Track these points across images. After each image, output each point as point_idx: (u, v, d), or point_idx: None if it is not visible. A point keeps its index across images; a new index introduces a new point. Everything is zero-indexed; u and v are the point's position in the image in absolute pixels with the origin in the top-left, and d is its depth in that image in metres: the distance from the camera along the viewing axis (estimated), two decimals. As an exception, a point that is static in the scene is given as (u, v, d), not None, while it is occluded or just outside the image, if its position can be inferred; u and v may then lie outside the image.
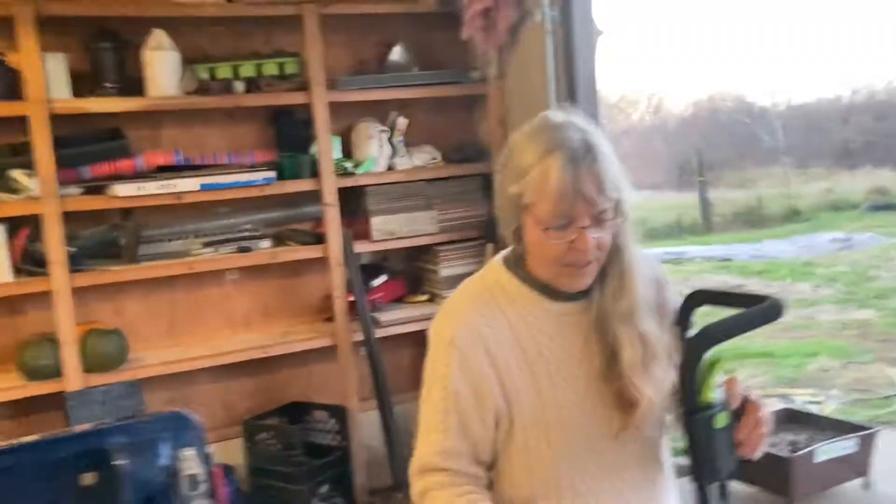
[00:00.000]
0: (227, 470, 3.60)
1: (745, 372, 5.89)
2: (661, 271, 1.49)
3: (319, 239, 3.77)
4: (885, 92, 25.71)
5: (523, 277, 1.36)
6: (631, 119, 28.95)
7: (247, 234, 3.74)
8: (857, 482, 3.83)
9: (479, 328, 1.32)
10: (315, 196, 3.75)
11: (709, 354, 1.20)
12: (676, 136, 26.82)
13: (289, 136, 3.80)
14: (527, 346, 1.32)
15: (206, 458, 1.36)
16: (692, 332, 1.33)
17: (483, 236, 4.08)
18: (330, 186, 3.70)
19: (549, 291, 1.35)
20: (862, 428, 3.91)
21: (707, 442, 1.15)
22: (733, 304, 1.32)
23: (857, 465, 3.78)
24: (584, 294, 1.37)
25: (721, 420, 1.16)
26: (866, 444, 3.79)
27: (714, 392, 1.18)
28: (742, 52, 25.89)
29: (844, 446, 3.73)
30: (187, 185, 3.46)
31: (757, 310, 1.23)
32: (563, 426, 1.30)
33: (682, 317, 1.41)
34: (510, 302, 1.35)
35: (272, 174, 3.63)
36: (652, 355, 1.29)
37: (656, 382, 1.28)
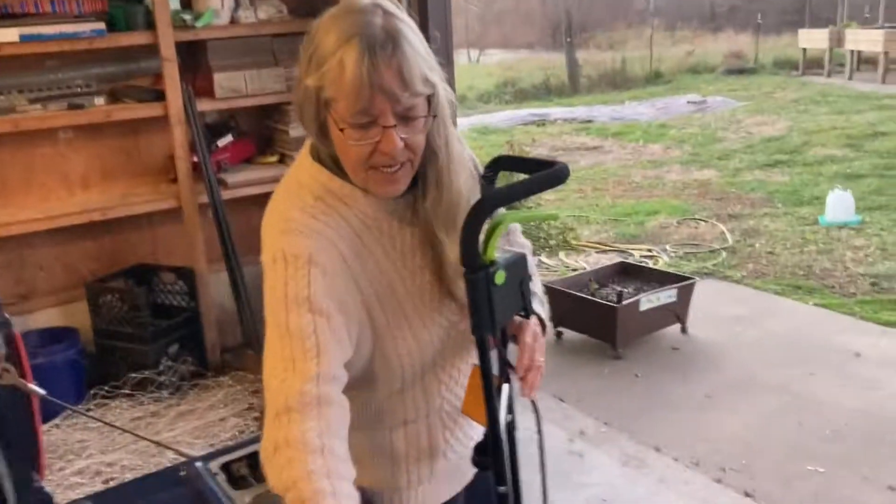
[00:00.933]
0: (71, 332, 3.58)
1: (591, 229, 6.23)
2: (471, 153, 1.44)
3: (158, 96, 3.61)
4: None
5: (349, 178, 1.24)
6: (507, -26, 28.38)
7: (79, 90, 3.54)
8: (676, 327, 4.22)
9: (331, 238, 1.21)
10: (152, 50, 3.56)
11: (493, 216, 1.26)
12: (552, -7, 26.66)
13: (120, -17, 3.55)
14: (372, 247, 1.26)
15: (2, 324, 1.34)
16: None
17: (334, 95, 4.03)
18: (167, 39, 3.52)
19: None
20: (683, 279, 4.26)
21: (488, 297, 1.21)
22: (528, 170, 1.37)
23: (676, 312, 4.15)
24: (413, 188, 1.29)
25: (500, 277, 1.22)
26: (685, 293, 4.15)
27: (496, 252, 1.24)
28: None
29: (666, 296, 4.07)
30: (5, 35, 3.21)
31: (540, 175, 1.28)
32: (419, 315, 1.30)
33: (487, 182, 1.47)
34: (345, 206, 1.24)
35: (102, 25, 3.40)
36: None
37: None
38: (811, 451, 3.13)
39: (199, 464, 1.49)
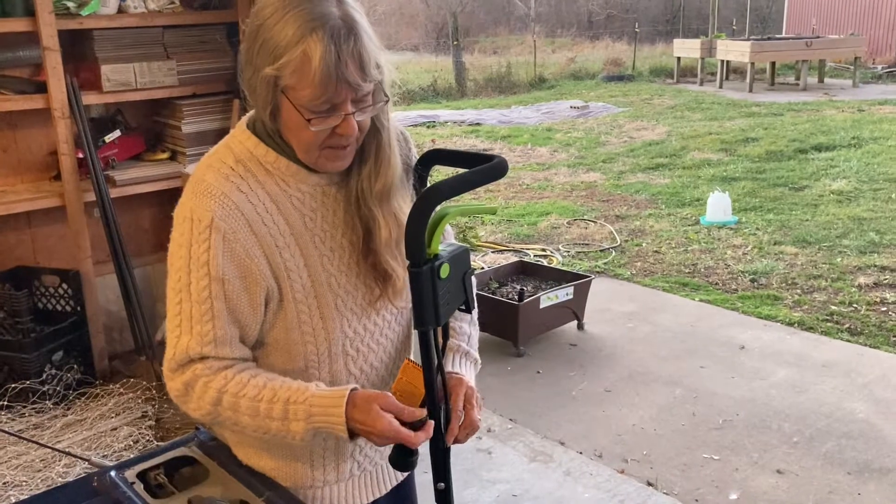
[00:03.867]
0: (-59, 341, 3.31)
1: (486, 230, 6.31)
2: (403, 129, 1.48)
3: (39, 88, 3.40)
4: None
5: (280, 149, 1.28)
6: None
7: (-52, 79, 3.28)
8: (573, 324, 4.32)
9: (241, 205, 1.23)
10: (32, 38, 3.34)
11: (437, 209, 1.24)
12: (436, -4, 26.88)
13: (-5, -34, 3.31)
14: (291, 219, 1.27)
15: None
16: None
17: (230, 90, 3.90)
18: (49, 28, 3.30)
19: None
20: (579, 277, 4.37)
21: (433, 290, 1.19)
22: (463, 163, 1.35)
23: (573, 309, 4.25)
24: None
25: (445, 271, 1.21)
26: (582, 290, 4.26)
27: (440, 245, 1.22)
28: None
29: (564, 293, 4.16)
30: None
31: (482, 169, 1.26)
32: (333, 295, 1.31)
33: (419, 176, 1.45)
34: (268, 175, 1.27)
35: (-25, 10, 3.17)
36: (403, 233, 1.26)
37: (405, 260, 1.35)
38: (705, 440, 3.27)
39: (112, 473, 1.39)
